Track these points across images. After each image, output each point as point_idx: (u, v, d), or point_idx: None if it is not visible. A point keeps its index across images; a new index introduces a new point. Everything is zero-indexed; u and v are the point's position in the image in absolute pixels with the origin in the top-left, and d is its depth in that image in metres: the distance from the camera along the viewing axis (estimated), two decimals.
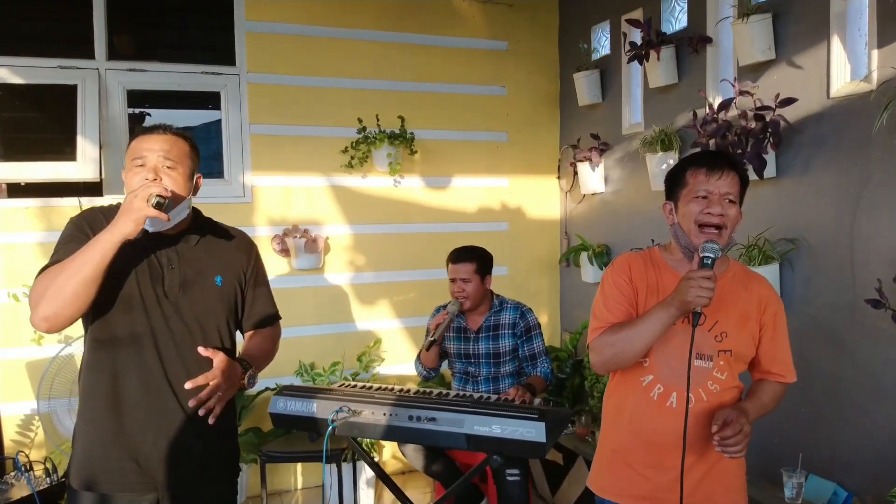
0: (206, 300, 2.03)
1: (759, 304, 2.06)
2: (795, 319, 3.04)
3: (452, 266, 3.44)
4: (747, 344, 2.04)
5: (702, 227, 1.94)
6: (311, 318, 4.40)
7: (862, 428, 2.78)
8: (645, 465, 2.04)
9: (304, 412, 3.00)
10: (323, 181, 4.41)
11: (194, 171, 2.04)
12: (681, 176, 2.01)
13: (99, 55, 4.01)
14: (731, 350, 2.01)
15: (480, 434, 2.69)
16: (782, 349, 2.09)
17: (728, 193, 1.94)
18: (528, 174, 4.88)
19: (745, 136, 3.04)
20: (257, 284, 2.21)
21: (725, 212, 1.94)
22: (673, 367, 1.97)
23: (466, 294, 3.39)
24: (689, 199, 1.97)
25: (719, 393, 2.01)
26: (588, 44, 4.47)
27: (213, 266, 2.06)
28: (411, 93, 4.56)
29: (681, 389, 1.96)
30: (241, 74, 4.24)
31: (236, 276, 2.13)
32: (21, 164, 3.96)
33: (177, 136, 2.00)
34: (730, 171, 1.96)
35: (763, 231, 3.09)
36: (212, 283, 2.05)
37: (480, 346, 3.44)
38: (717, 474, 2.04)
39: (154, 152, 1.93)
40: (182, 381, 1.93)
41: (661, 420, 2.00)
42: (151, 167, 1.92)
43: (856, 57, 2.83)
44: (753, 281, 2.11)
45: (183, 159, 1.98)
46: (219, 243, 2.12)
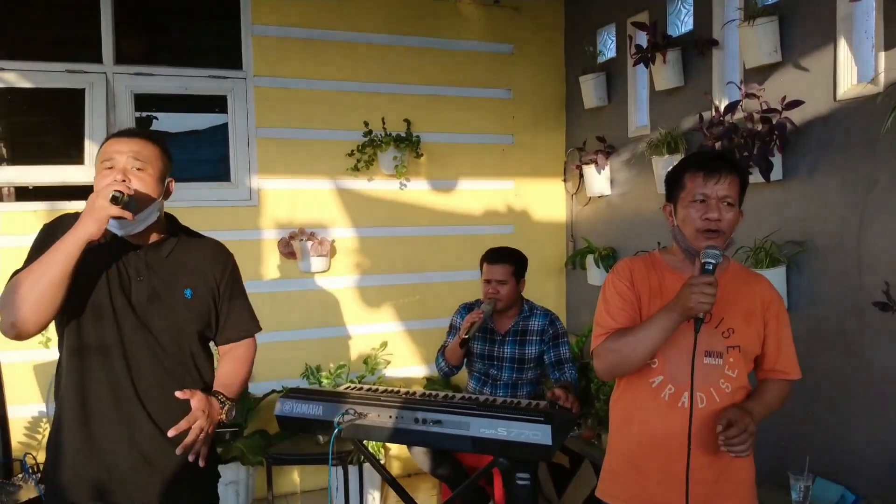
0: (174, 314, 1.98)
1: (763, 302, 2.06)
2: (803, 322, 3.03)
3: (489, 266, 3.41)
4: (753, 340, 2.04)
5: (701, 231, 1.94)
6: (318, 321, 4.40)
7: (870, 431, 2.76)
8: (658, 470, 2.01)
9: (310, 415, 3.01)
10: (329, 184, 4.42)
11: (166, 175, 2.00)
12: (680, 178, 2.01)
13: (106, 59, 4.03)
14: (739, 346, 2.00)
15: (486, 437, 2.69)
16: (786, 346, 2.08)
17: (726, 197, 1.94)
18: (534, 177, 4.88)
19: (752, 138, 3.04)
20: (233, 297, 2.13)
21: (723, 216, 1.94)
22: (683, 367, 1.95)
23: (500, 296, 3.37)
24: (688, 203, 1.97)
25: (731, 393, 2.00)
26: (594, 47, 4.47)
27: (182, 278, 2.01)
28: (417, 96, 4.56)
29: (690, 389, 1.95)
30: (247, 78, 4.26)
31: (208, 289, 2.06)
32: (29, 168, 3.99)
33: (147, 139, 1.97)
34: (728, 173, 1.95)
35: (770, 233, 3.09)
36: (180, 296, 1.99)
37: (506, 350, 3.42)
38: (728, 479, 2.03)
39: (123, 154, 1.91)
40: (151, 392, 1.93)
41: (672, 421, 1.98)
42: (120, 168, 1.89)
43: (862, 59, 2.82)
44: (754, 280, 2.11)
45: (153, 161, 1.94)
46: (192, 254, 2.06)
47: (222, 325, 2.12)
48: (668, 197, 2.07)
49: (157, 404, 1.95)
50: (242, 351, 2.18)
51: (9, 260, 3.81)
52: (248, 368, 2.19)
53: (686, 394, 1.96)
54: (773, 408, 2.08)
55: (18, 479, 3.28)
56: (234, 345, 2.17)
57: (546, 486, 4.08)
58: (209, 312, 2.07)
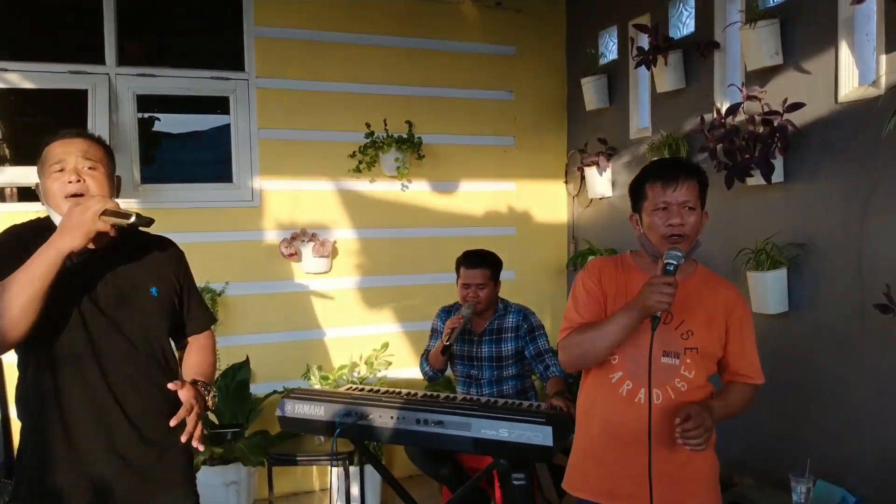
0: (143, 313, 1.97)
1: (726, 306, 2.11)
2: (803, 324, 3.04)
3: (467, 271, 3.41)
4: (713, 344, 2.10)
5: (665, 237, 2.01)
6: (319, 322, 4.41)
7: (871, 433, 2.77)
8: (614, 462, 2.08)
9: (311, 415, 3.02)
10: (331, 185, 4.43)
11: (113, 172, 1.98)
12: (641, 189, 2.09)
13: (109, 61, 4.04)
14: (696, 348, 2.07)
15: (488, 438, 2.70)
16: (749, 351, 2.14)
17: (686, 202, 2.01)
18: (536, 178, 4.88)
19: (753, 140, 3.04)
20: (191, 292, 2.16)
21: (685, 220, 2.01)
22: (641, 363, 2.02)
23: (480, 300, 3.38)
24: (650, 212, 2.05)
25: (687, 391, 2.06)
26: (596, 49, 4.48)
27: (146, 277, 2.00)
28: (419, 97, 4.57)
29: (648, 386, 2.03)
30: (249, 79, 4.27)
31: (171, 286, 2.07)
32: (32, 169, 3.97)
33: (91, 138, 1.95)
34: (686, 178, 2.03)
35: (771, 236, 3.09)
36: (147, 295, 1.99)
37: (483, 350, 3.44)
38: (690, 473, 2.08)
39: (72, 154, 1.88)
40: (127, 394, 1.92)
41: (629, 416, 2.05)
42: (72, 169, 1.86)
43: (864, 62, 2.83)
44: (720, 285, 2.17)
45: (102, 159, 1.93)
46: (149, 253, 2.05)
47: (187, 319, 2.15)
48: (633, 207, 2.14)
49: (134, 406, 1.94)
50: (205, 340, 2.21)
51: None
52: (214, 356, 2.23)
53: (643, 390, 2.04)
54: (736, 409, 2.13)
55: None
56: (194, 336, 2.20)
57: (546, 487, 4.08)
58: (174, 310, 2.08)
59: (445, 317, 3.61)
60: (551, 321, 4.84)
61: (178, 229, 3.94)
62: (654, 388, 2.02)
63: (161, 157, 4.89)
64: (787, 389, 3.11)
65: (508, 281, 4.66)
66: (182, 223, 4.04)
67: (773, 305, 3.05)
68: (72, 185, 1.85)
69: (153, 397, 1.97)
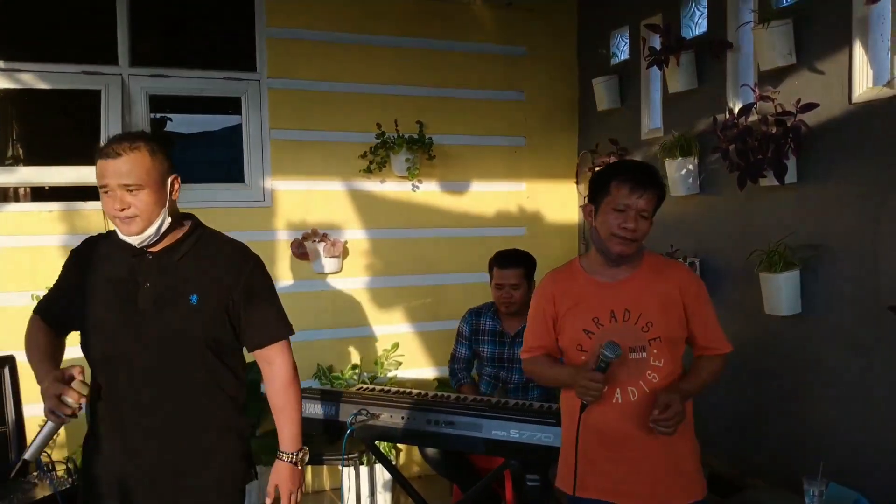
0: (179, 319, 1.93)
1: (679, 288, 2.18)
2: (816, 326, 3.02)
3: (500, 272, 3.39)
4: (674, 328, 2.17)
5: (615, 236, 2.11)
6: (330, 322, 4.42)
7: (884, 436, 2.75)
8: (604, 460, 2.16)
9: (322, 415, 3.03)
10: (342, 186, 4.44)
11: (166, 176, 1.93)
12: (605, 184, 2.15)
13: (122, 61, 4.06)
14: (659, 337, 2.14)
15: (499, 438, 2.70)
16: (711, 324, 2.22)
17: (644, 210, 2.11)
18: (547, 179, 4.87)
19: (766, 141, 3.02)
20: (253, 302, 2.03)
21: (638, 227, 2.10)
22: (615, 365, 2.08)
23: (514, 300, 3.36)
24: (609, 209, 2.13)
25: (659, 381, 2.13)
26: (607, 49, 4.47)
27: (191, 283, 1.94)
28: (430, 98, 4.57)
29: (622, 384, 2.13)
30: (261, 80, 4.28)
31: (219, 296, 1.97)
32: (45, 169, 4.03)
33: (133, 150, 1.88)
34: (652, 189, 2.12)
35: (784, 237, 3.07)
36: (185, 302, 1.93)
37: (516, 351, 3.40)
38: (673, 462, 2.16)
39: (113, 178, 1.86)
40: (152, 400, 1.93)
41: (608, 415, 2.14)
42: (117, 198, 1.87)
43: (878, 62, 2.80)
44: (670, 268, 2.26)
45: (146, 174, 1.87)
46: (207, 258, 1.99)
47: (245, 332, 2.04)
48: (590, 198, 2.22)
49: (163, 411, 1.94)
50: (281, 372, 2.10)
51: (26, 259, 3.87)
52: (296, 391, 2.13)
53: (618, 389, 2.13)
54: (707, 382, 2.22)
55: (34, 477, 3.30)
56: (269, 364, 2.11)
57: None
58: (218, 321, 1.97)
59: (473, 320, 3.57)
60: None
61: None
62: (628, 386, 2.13)
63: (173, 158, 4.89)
64: (800, 391, 3.09)
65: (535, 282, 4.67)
66: None
67: (786, 307, 3.03)
68: (120, 212, 1.88)
69: (180, 405, 1.95)
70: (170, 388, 1.94)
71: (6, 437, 3.46)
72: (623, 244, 2.11)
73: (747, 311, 3.32)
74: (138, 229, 1.88)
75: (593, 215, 2.19)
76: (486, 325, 3.52)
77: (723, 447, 3.50)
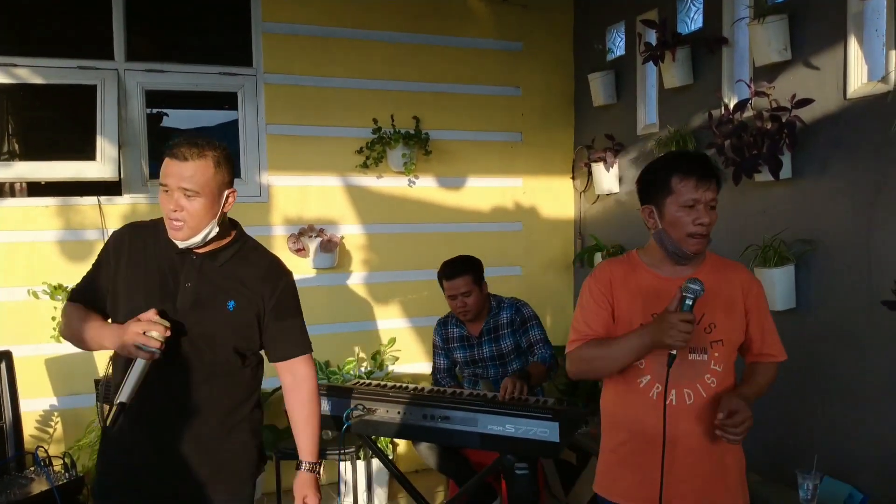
0: (213, 322, 2.00)
1: (742, 289, 2.09)
2: (811, 321, 3.03)
3: (449, 283, 3.38)
4: (736, 331, 2.07)
5: (691, 235, 1.98)
6: (326, 317, 4.42)
7: (878, 430, 2.77)
8: (652, 466, 2.02)
9: None
10: (338, 181, 4.44)
11: (223, 189, 1.98)
12: (665, 182, 2.01)
13: (118, 56, 4.05)
14: (721, 340, 2.04)
15: (494, 433, 2.71)
16: (769, 330, 2.12)
17: (712, 200, 2.00)
18: (543, 174, 4.88)
19: (761, 136, 3.03)
20: (282, 317, 2.10)
21: (711, 220, 1.99)
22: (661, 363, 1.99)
23: (469, 307, 3.36)
24: (678, 207, 1.99)
25: (716, 386, 2.03)
26: (603, 44, 4.47)
27: (229, 290, 2.02)
28: (426, 93, 4.57)
29: (679, 387, 2.00)
30: (257, 75, 4.28)
31: (253, 305, 2.04)
32: (41, 164, 4.02)
33: (201, 157, 1.93)
34: (714, 178, 2.00)
35: (779, 232, 3.08)
36: (222, 307, 2.00)
37: (484, 350, 3.44)
38: (720, 473, 2.07)
39: (175, 179, 1.92)
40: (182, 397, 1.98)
41: (659, 418, 2.00)
42: (174, 199, 1.92)
43: (873, 58, 2.81)
44: (731, 269, 2.13)
45: (206, 183, 1.92)
46: (246, 268, 2.06)
47: (272, 344, 2.12)
48: (648, 199, 2.07)
49: (185, 410, 2.00)
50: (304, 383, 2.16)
51: (22, 254, 3.87)
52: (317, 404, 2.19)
53: (673, 391, 2.01)
54: (763, 391, 2.12)
55: (30, 472, 3.31)
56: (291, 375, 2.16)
57: (553, 483, 4.09)
58: (249, 328, 2.05)
59: (442, 330, 3.62)
60: (558, 317, 4.85)
61: None
62: (684, 388, 2.00)
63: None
64: (795, 386, 3.11)
65: (515, 277, 4.69)
66: None
67: (781, 302, 3.04)
68: (172, 212, 1.93)
69: (208, 405, 2.02)
70: (198, 383, 2.00)
71: (3, 432, 3.47)
72: (700, 242, 1.99)
73: None
74: (184, 236, 1.95)
75: (656, 217, 2.04)
76: (453, 333, 3.56)
77: None
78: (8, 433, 3.48)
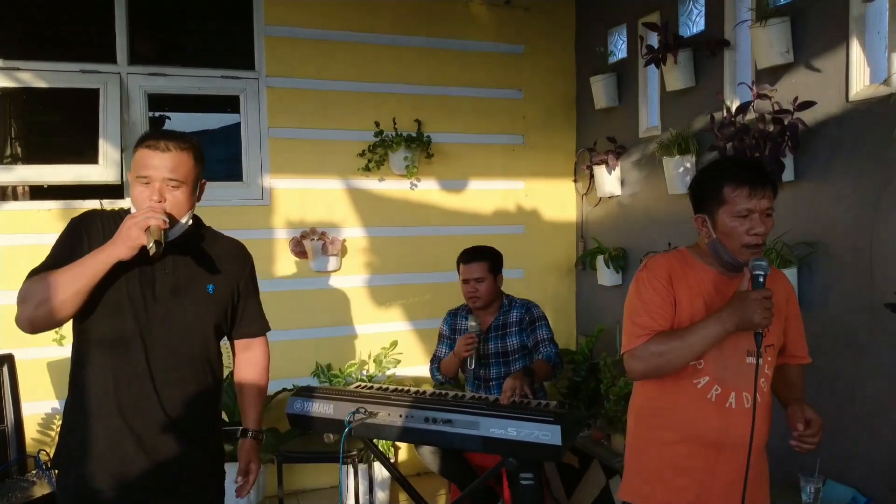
0: (195, 307, 2.05)
1: (785, 296, 2.13)
2: (814, 323, 3.02)
3: (465, 266, 3.45)
4: (780, 336, 2.13)
5: (747, 246, 1.95)
6: (328, 320, 4.43)
7: (881, 433, 2.76)
8: (701, 470, 2.00)
9: (321, 413, 3.03)
10: (340, 184, 4.44)
11: (199, 180, 2.05)
12: (717, 190, 1.96)
13: (120, 60, 4.06)
14: (773, 344, 2.07)
15: (496, 436, 2.70)
16: (801, 333, 2.20)
17: (768, 209, 1.96)
18: (545, 177, 4.88)
19: (763, 139, 3.03)
20: (250, 295, 2.25)
21: (767, 228, 1.96)
22: (729, 367, 1.98)
23: (479, 294, 3.41)
24: (731, 217, 1.95)
25: (767, 390, 2.08)
26: (605, 47, 4.47)
27: (206, 274, 2.08)
28: (428, 96, 4.58)
29: (738, 389, 1.98)
30: (259, 78, 4.28)
31: (229, 286, 2.15)
32: (44, 167, 4.03)
33: (182, 150, 1.97)
34: (769, 186, 1.95)
35: (781, 234, 3.08)
36: (203, 291, 2.07)
37: (490, 346, 3.44)
38: (763, 480, 2.13)
39: (159, 171, 1.93)
40: (166, 384, 1.99)
41: (721, 422, 1.98)
42: (156, 189, 1.93)
43: (875, 60, 2.81)
44: (775, 277, 2.11)
45: (188, 174, 1.98)
46: (215, 251, 2.13)
47: (239, 321, 2.23)
48: (700, 207, 2.03)
49: (171, 398, 2.01)
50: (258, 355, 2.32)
51: (25, 257, 3.86)
52: (267, 375, 2.34)
53: (733, 394, 1.99)
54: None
55: (32, 475, 3.31)
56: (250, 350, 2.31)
57: (555, 486, 4.08)
58: (227, 308, 2.16)
59: (451, 320, 3.63)
60: (560, 320, 4.84)
61: None
62: (744, 391, 1.98)
63: None
64: None
65: (517, 279, 4.68)
66: None
67: None
68: (156, 203, 1.92)
69: (191, 391, 2.04)
70: (182, 370, 2.03)
71: (5, 436, 3.47)
72: (756, 252, 1.95)
73: None
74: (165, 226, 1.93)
75: (709, 226, 2.00)
76: (462, 325, 3.57)
77: None
78: (10, 436, 3.48)
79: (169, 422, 1.99)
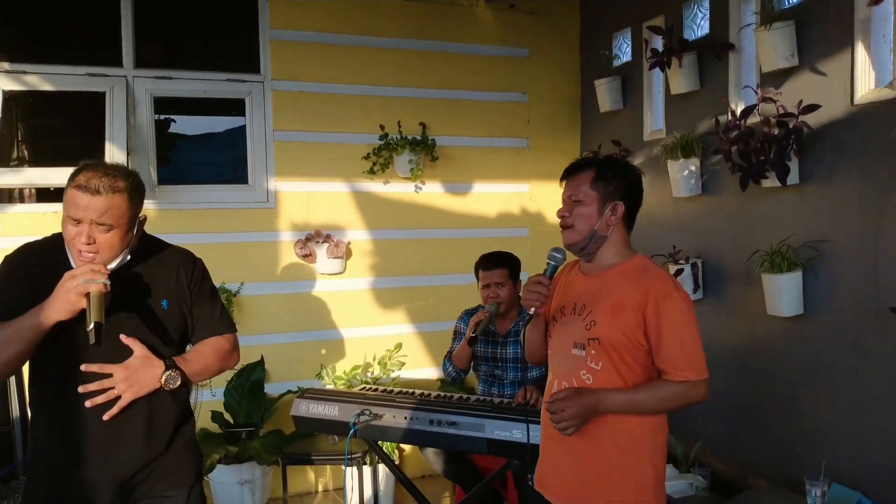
0: (155, 326, 2.00)
1: (645, 295, 2.00)
2: (818, 327, 3.02)
3: (485, 273, 3.45)
4: (616, 333, 2.01)
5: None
6: (333, 323, 4.44)
7: (886, 436, 2.75)
8: (545, 456, 2.22)
9: (326, 415, 3.04)
10: (345, 187, 4.45)
11: (135, 218, 1.96)
12: None
13: (127, 63, 4.08)
14: (598, 338, 2.02)
15: (500, 439, 2.71)
16: (667, 345, 1.98)
17: (571, 195, 2.17)
18: (549, 180, 4.86)
19: (768, 142, 3.03)
20: (202, 300, 2.13)
21: (570, 211, 2.15)
22: (557, 359, 2.16)
23: (501, 298, 3.41)
24: None
25: (593, 384, 2.03)
26: (609, 50, 4.48)
27: (157, 290, 2.03)
28: (433, 99, 4.59)
29: (560, 378, 2.12)
30: (265, 82, 4.30)
31: (181, 296, 2.08)
32: (50, 170, 4.04)
33: (115, 192, 1.86)
34: (575, 173, 2.21)
35: (786, 238, 3.08)
36: (158, 308, 2.02)
37: (508, 351, 3.44)
38: (620, 477, 2.03)
39: (88, 213, 1.84)
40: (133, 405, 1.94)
41: None
42: (85, 232, 1.85)
43: (880, 63, 2.81)
44: (648, 276, 2.05)
45: (121, 215, 1.88)
46: (161, 266, 2.07)
47: (196, 329, 2.13)
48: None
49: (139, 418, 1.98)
50: (213, 339, 2.14)
51: None
52: (215, 354, 2.13)
53: (556, 382, 2.14)
54: (647, 405, 2.02)
55: None
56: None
57: None
58: (184, 318, 2.10)
59: (468, 319, 3.62)
60: None
61: (193, 230, 4.02)
62: (562, 379, 2.10)
63: (177, 159, 4.94)
64: (803, 392, 3.10)
65: (521, 282, 4.67)
66: (198, 224, 4.08)
67: (788, 308, 3.03)
68: (85, 245, 1.87)
69: (159, 409, 2.01)
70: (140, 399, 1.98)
71: (11, 437, 3.48)
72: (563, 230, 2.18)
73: (749, 312, 3.33)
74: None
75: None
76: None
77: (725, 448, 3.51)
78: (16, 437, 3.49)
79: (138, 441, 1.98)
